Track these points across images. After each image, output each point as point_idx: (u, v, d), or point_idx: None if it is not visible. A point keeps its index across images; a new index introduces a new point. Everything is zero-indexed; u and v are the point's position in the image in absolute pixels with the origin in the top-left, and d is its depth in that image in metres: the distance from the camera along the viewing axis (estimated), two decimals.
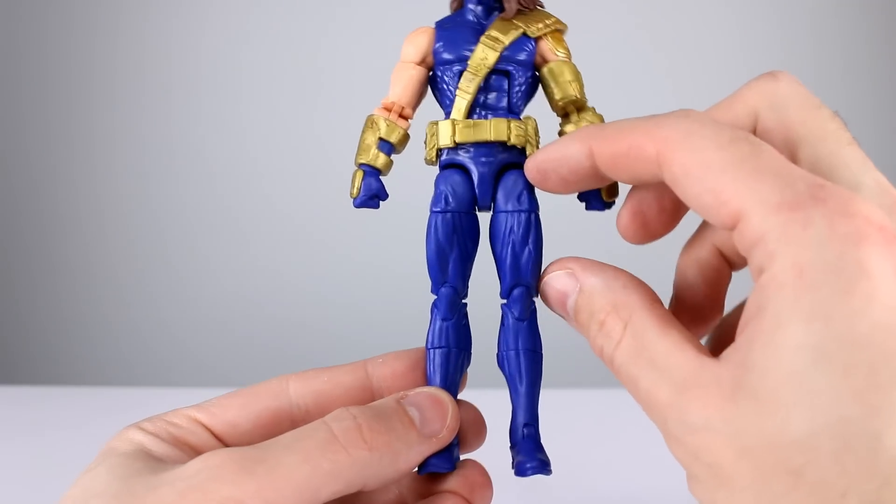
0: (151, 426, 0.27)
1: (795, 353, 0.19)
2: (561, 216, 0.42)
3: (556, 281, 0.26)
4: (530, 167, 0.27)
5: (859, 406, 0.18)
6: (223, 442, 0.27)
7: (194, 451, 0.26)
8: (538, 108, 0.31)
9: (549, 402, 0.32)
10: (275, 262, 1.12)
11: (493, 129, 0.28)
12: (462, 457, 0.29)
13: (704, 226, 0.27)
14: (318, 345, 1.08)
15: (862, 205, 0.19)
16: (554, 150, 0.26)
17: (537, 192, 0.29)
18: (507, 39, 0.29)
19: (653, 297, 0.24)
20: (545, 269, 0.28)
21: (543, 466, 0.27)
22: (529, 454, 0.27)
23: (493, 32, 0.29)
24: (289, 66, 1.10)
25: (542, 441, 0.28)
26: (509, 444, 0.29)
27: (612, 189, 0.29)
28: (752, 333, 0.20)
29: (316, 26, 1.09)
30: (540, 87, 0.30)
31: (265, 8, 1.10)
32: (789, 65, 1.06)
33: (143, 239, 1.14)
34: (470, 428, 0.29)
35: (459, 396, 0.29)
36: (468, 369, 0.30)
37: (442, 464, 0.27)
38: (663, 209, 0.26)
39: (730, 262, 0.26)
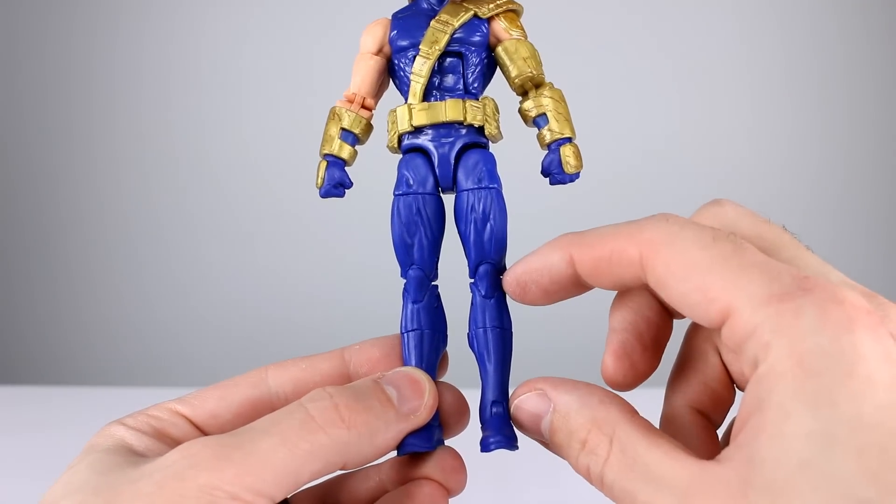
0: (133, 421, 0.27)
1: (806, 440, 0.19)
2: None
3: (526, 404, 0.25)
4: (509, 281, 0.27)
5: (875, 487, 0.18)
6: (204, 433, 0.28)
7: (176, 443, 0.26)
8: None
9: None
10: (274, 263, 1.12)
11: (448, 109, 0.29)
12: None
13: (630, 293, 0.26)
14: (318, 345, 1.07)
15: (848, 292, 0.20)
16: (533, 261, 0.26)
17: (498, 169, 0.29)
18: (456, 22, 0.29)
19: (631, 409, 0.24)
20: (514, 392, 0.26)
21: (509, 441, 0.27)
22: (496, 429, 0.27)
23: (443, 16, 0.29)
24: (288, 67, 1.10)
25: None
26: (480, 424, 0.28)
27: (576, 157, 0.29)
28: (756, 427, 0.20)
29: (316, 26, 1.09)
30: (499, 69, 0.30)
31: (267, 7, 1.10)
32: (789, 63, 1.06)
33: (142, 239, 1.14)
34: (451, 410, 0.29)
35: (443, 379, 0.29)
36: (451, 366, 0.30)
37: (421, 443, 0.27)
38: (645, 347, 0.25)
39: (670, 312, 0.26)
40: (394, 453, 0.27)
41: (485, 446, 0.27)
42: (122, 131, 1.14)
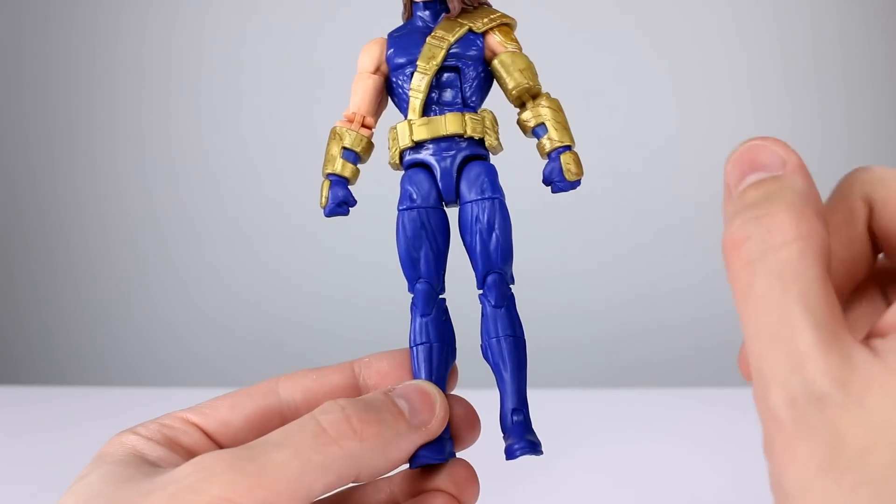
0: (145, 430, 0.27)
1: None
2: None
3: (770, 146, 0.22)
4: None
5: None
6: (216, 441, 0.28)
7: (187, 452, 0.27)
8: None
9: (541, 402, 0.33)
10: (275, 263, 1.11)
11: (447, 122, 0.29)
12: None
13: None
14: (318, 345, 1.08)
15: None
16: None
17: (501, 179, 0.29)
18: (452, 37, 0.30)
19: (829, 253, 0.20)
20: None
21: (533, 447, 0.28)
22: (518, 436, 0.28)
23: (439, 32, 0.30)
24: (289, 67, 1.09)
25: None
26: (501, 433, 0.29)
27: (577, 164, 0.29)
28: None
29: (317, 27, 1.08)
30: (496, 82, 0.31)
31: (268, 8, 1.09)
32: (789, 64, 1.06)
33: (143, 239, 1.14)
34: (462, 423, 0.29)
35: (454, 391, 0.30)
36: (462, 369, 0.30)
37: (433, 455, 0.27)
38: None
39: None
40: (406, 466, 0.28)
41: (510, 454, 0.28)
42: (124, 129, 1.13)
